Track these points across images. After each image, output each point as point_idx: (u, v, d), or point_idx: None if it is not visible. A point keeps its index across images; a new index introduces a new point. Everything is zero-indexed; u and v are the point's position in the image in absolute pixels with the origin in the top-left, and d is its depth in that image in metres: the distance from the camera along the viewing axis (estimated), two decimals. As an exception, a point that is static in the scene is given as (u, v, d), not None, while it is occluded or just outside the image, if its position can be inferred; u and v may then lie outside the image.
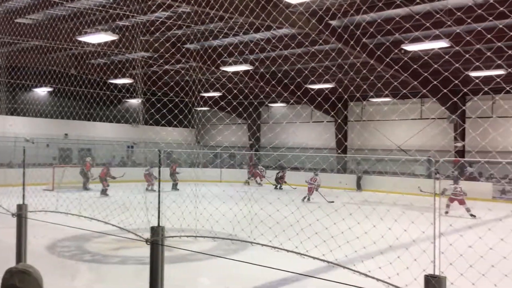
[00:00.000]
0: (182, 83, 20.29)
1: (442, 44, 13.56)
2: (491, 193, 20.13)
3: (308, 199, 18.09)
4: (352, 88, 16.37)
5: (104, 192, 18.26)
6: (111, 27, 16.14)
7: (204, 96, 25.46)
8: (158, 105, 9.21)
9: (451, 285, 3.49)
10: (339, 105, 26.79)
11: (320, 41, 15.88)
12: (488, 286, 4.16)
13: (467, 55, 5.46)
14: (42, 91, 27.68)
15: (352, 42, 15.90)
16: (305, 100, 22.94)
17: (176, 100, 9.49)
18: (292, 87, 7.16)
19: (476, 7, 12.53)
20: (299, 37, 15.58)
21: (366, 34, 15.66)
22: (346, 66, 16.61)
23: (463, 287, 4.11)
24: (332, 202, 16.34)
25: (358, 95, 17.87)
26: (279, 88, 6.98)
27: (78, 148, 27.80)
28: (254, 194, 10.77)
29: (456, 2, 13.18)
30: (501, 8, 5.99)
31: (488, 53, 8.04)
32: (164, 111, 8.86)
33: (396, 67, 7.44)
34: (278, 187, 24.18)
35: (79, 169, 21.43)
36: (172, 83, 22.95)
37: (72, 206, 7.77)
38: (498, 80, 6.10)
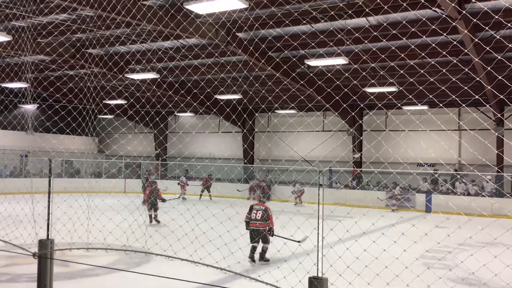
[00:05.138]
0: (85, 90, 19.34)
1: (342, 61, 14.46)
2: (384, 202, 21.66)
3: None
4: (257, 100, 16.81)
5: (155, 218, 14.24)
6: (5, 27, 14.96)
7: (109, 104, 24.48)
8: (49, 112, 8.65)
9: (331, 285, 3.77)
10: (245, 115, 27.27)
11: (228, 52, 16.13)
12: (362, 285, 4.55)
13: (363, 73, 5.90)
14: None
15: (256, 54, 16.35)
16: (214, 110, 23.10)
17: (70, 107, 8.97)
18: (202, 97, 7.19)
19: (371, 29, 13.58)
20: (209, 48, 15.70)
21: (271, 48, 16.22)
22: (251, 78, 17.03)
23: (342, 287, 4.45)
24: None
25: (263, 106, 18.39)
26: (188, 97, 6.97)
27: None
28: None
29: (354, 23, 14.15)
30: (393, 31, 6.54)
31: (382, 72, 8.74)
32: (56, 118, 8.35)
33: (302, 82, 7.80)
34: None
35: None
36: (73, 89, 21.79)
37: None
38: (390, 97, 6.67)
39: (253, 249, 8.46)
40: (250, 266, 5.45)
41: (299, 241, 7.69)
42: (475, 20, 6.56)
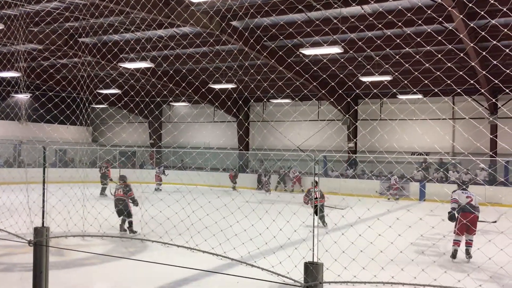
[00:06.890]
0: (79, 77, 19.22)
1: (336, 49, 14.35)
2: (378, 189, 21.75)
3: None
4: (252, 86, 16.74)
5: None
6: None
7: (102, 93, 24.32)
8: (43, 99, 8.56)
9: (327, 270, 3.79)
10: (240, 102, 27.18)
11: (223, 39, 16.04)
12: (358, 269, 4.60)
13: (360, 58, 5.89)
14: None
15: (252, 41, 16.25)
16: (210, 97, 23.03)
17: (63, 94, 8.89)
18: (197, 83, 7.15)
19: (366, 16, 13.54)
20: (205, 34, 15.59)
21: (266, 36, 16.13)
22: (246, 64, 16.98)
23: (338, 272, 4.49)
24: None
25: (258, 93, 18.36)
26: (183, 84, 6.93)
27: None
28: (144, 192, 10.62)
29: (348, 11, 14.08)
30: (389, 17, 6.53)
31: (377, 58, 8.73)
32: (49, 105, 8.29)
33: (298, 68, 7.79)
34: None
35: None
36: (66, 78, 21.62)
37: None
38: (386, 83, 6.68)
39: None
40: (246, 252, 5.50)
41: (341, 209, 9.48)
42: (470, 4, 6.56)
